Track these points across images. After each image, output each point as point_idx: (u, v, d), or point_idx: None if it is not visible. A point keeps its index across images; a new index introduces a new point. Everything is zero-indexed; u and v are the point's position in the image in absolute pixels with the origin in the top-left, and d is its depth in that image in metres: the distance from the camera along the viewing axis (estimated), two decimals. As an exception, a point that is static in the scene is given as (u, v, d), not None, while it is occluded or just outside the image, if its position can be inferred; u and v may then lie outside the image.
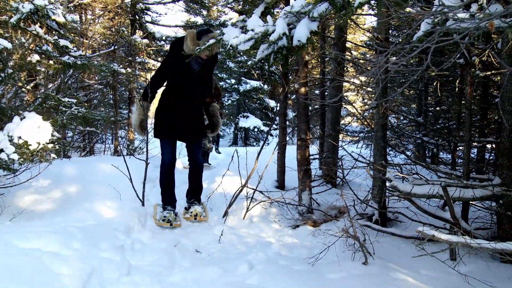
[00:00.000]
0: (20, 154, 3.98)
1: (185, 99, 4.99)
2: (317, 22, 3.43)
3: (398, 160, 8.18)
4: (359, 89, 9.36)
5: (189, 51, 4.68)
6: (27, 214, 4.27)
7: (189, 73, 4.90)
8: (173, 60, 4.85)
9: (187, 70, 4.87)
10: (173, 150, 5.12)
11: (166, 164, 5.05)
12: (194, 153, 5.28)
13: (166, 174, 5.08)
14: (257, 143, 20.46)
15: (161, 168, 5.08)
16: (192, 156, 5.28)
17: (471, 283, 3.25)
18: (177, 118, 4.97)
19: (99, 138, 15.23)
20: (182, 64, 4.78)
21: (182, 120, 4.99)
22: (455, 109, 6.54)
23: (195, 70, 4.90)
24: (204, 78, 5.07)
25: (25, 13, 5.06)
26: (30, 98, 7.23)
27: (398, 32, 7.79)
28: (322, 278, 3.60)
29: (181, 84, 4.94)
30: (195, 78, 4.96)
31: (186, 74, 4.89)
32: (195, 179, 5.34)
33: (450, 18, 2.44)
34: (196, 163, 5.31)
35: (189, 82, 4.94)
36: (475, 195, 4.08)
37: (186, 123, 5.02)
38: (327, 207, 5.68)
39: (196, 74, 4.93)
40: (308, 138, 5.85)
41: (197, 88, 5.04)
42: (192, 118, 5.08)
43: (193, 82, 4.96)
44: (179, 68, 4.84)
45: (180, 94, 4.96)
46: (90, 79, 13.63)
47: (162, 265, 3.89)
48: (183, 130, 5.04)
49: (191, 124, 5.08)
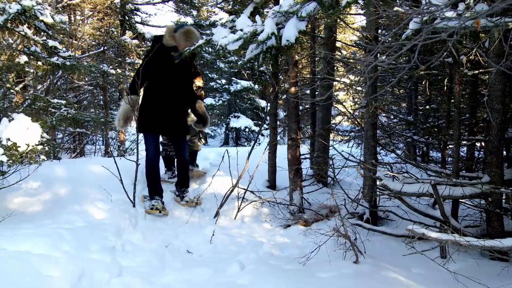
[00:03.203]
0: (9, 156, 3.94)
1: (167, 94, 5.17)
2: (305, 21, 3.44)
3: (389, 159, 8.21)
4: (349, 88, 9.39)
5: (167, 43, 5.04)
6: (16, 216, 4.23)
7: (169, 66, 5.11)
8: (154, 55, 5.04)
9: (167, 63, 5.09)
10: (156, 145, 5.36)
11: (150, 159, 5.25)
12: (180, 148, 5.47)
13: (152, 167, 5.28)
14: (248, 143, 20.44)
15: (146, 162, 5.26)
16: (179, 152, 5.50)
17: (460, 281, 3.27)
18: (160, 113, 5.16)
19: (90, 140, 15.14)
20: (162, 58, 5.06)
21: (164, 115, 5.18)
22: (445, 107, 6.59)
23: (176, 61, 5.07)
24: (184, 75, 5.30)
25: (12, 14, 5.03)
26: (19, 99, 7.18)
27: (387, 31, 7.82)
28: (313, 278, 3.61)
29: (162, 79, 5.14)
30: (176, 72, 5.17)
31: (166, 68, 5.11)
32: (184, 172, 5.59)
33: (438, 17, 2.45)
34: (184, 160, 5.55)
35: (170, 75, 5.15)
36: (465, 193, 4.11)
37: (168, 117, 5.21)
38: (318, 207, 5.69)
39: (176, 67, 5.12)
40: (299, 138, 5.86)
41: (178, 82, 5.23)
42: (174, 113, 5.26)
43: (174, 76, 5.17)
44: (160, 62, 5.08)
45: (162, 90, 5.16)
46: (80, 80, 13.56)
47: (153, 266, 3.88)
48: (166, 124, 5.24)
49: (173, 119, 5.27)
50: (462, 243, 2.94)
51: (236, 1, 5.14)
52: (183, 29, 5.00)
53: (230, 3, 6.11)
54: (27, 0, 5.13)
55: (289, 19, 3.50)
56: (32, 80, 8.32)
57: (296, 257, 4.06)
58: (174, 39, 5.03)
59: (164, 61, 5.09)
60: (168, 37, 5.03)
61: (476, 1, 2.43)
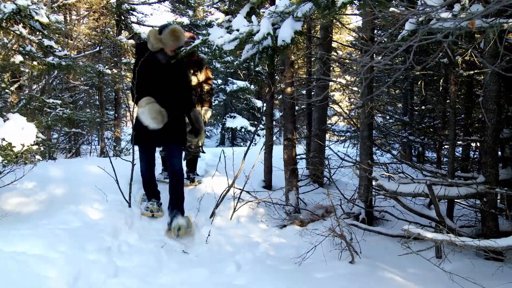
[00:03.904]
0: (4, 156, 3.93)
1: (164, 103, 4.75)
2: (301, 22, 3.45)
3: (384, 159, 8.22)
4: (345, 88, 9.42)
5: (153, 48, 4.73)
6: (12, 216, 4.22)
7: (159, 71, 4.80)
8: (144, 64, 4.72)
9: (156, 68, 4.78)
10: (150, 159, 5.17)
11: (143, 173, 5.15)
12: (171, 157, 5.02)
13: (147, 180, 5.20)
14: (244, 144, 20.44)
15: (141, 175, 5.18)
16: (169, 162, 5.04)
17: (455, 281, 3.29)
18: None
19: (85, 140, 15.12)
20: (153, 66, 4.76)
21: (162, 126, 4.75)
22: (440, 108, 6.61)
23: (162, 63, 4.79)
24: (177, 79, 4.96)
25: (7, 13, 5.01)
26: (14, 99, 7.15)
27: (383, 32, 7.84)
28: (309, 278, 3.62)
29: (154, 86, 4.79)
30: (166, 77, 4.84)
31: (156, 73, 4.80)
32: (175, 188, 4.97)
33: (433, 17, 2.46)
34: (173, 170, 4.99)
35: (160, 82, 4.82)
36: (460, 193, 4.12)
37: (165, 126, 4.74)
38: (314, 207, 5.70)
39: (165, 71, 4.81)
40: (295, 138, 5.86)
41: (170, 89, 4.89)
42: (171, 122, 4.79)
43: (164, 82, 4.84)
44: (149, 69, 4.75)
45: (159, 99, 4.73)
46: (76, 80, 13.54)
47: (149, 266, 3.87)
48: (161, 135, 4.82)
49: (169, 128, 4.80)
50: (457, 243, 2.95)
51: (233, 1, 5.12)
52: (168, 29, 4.66)
53: (226, 3, 6.12)
54: (22, 0, 5.12)
55: (285, 20, 3.50)
56: (27, 80, 8.30)
57: (292, 257, 4.07)
58: (161, 42, 4.70)
59: (156, 69, 4.78)
60: (153, 40, 4.69)
61: (471, 2, 2.44)
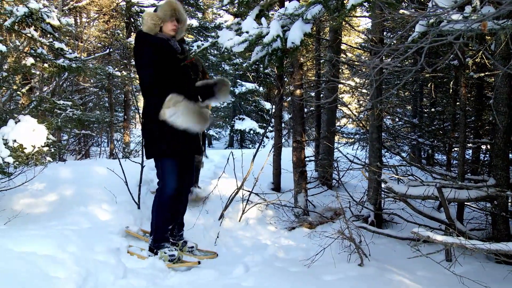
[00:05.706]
0: (15, 157, 3.97)
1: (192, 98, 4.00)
2: (310, 24, 3.44)
3: (394, 162, 8.19)
4: (354, 90, 9.40)
5: (153, 31, 3.93)
6: (22, 217, 4.25)
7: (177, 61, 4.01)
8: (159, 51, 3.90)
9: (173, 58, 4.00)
10: (189, 172, 4.26)
11: (171, 192, 4.02)
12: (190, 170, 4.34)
13: (174, 202, 4.08)
14: (253, 146, 20.48)
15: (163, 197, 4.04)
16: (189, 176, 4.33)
17: (466, 284, 3.26)
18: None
19: (95, 141, 15.20)
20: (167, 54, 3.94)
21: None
22: (450, 110, 6.57)
23: (178, 52, 4.03)
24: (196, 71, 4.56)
25: (19, 16, 5.06)
26: (25, 101, 7.21)
27: (392, 34, 7.82)
28: (318, 280, 3.60)
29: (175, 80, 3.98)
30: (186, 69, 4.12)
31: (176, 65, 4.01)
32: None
33: (444, 19, 2.45)
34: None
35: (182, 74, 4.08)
36: (470, 196, 4.09)
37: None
38: (323, 209, 5.69)
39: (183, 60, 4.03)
40: (304, 140, 5.86)
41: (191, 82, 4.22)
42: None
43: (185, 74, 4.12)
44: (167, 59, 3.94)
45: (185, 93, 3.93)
46: (85, 82, 13.62)
47: (158, 268, 3.88)
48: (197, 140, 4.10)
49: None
50: (468, 246, 2.92)
51: (242, 4, 5.12)
52: (164, 2, 3.98)
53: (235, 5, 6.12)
54: (34, 3, 5.17)
55: (294, 22, 3.50)
56: (38, 82, 8.36)
57: (301, 260, 4.05)
58: (159, 19, 3.92)
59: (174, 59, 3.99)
60: (150, 20, 3.90)
61: (483, 4, 2.43)
